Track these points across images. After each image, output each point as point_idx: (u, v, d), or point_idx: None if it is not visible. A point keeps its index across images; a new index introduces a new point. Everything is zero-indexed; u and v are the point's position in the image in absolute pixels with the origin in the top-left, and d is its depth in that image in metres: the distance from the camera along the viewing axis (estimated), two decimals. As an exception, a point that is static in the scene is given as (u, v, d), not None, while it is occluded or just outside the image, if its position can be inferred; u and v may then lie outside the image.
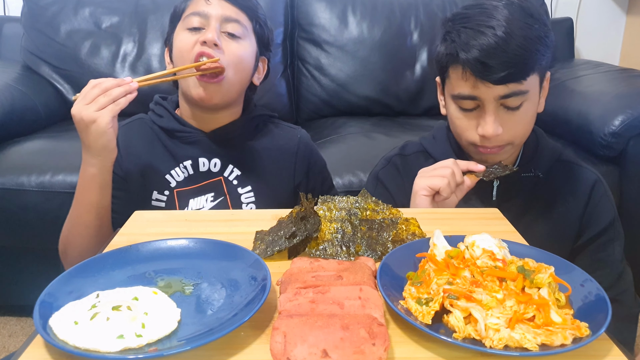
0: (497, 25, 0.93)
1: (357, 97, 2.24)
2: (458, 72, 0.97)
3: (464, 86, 0.97)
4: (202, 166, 1.15)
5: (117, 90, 0.97)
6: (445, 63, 0.99)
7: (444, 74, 1.02)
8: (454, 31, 0.97)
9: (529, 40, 0.93)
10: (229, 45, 1.09)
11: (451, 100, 1.01)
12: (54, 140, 1.85)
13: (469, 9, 1.00)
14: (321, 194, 1.20)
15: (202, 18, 1.08)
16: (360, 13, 2.24)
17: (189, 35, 1.08)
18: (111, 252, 0.73)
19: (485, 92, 0.95)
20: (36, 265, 1.75)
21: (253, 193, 1.16)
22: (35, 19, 2.17)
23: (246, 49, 1.12)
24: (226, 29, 1.09)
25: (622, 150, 1.71)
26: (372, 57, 2.22)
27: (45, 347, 0.57)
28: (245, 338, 0.59)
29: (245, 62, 1.12)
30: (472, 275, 0.64)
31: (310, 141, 1.27)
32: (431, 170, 0.98)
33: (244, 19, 1.11)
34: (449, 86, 1.01)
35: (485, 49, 0.92)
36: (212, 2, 1.09)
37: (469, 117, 1.00)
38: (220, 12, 1.08)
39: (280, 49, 2.23)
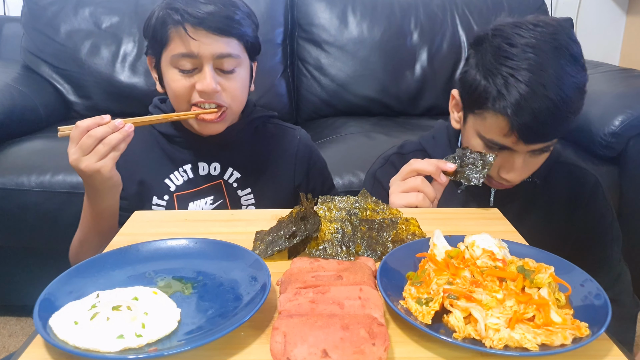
0: (550, 84, 0.88)
1: (357, 97, 2.24)
2: (500, 123, 0.92)
3: (500, 137, 0.94)
4: (201, 170, 1.15)
5: (116, 138, 0.93)
6: (483, 103, 0.94)
7: (476, 108, 0.96)
8: (499, 75, 0.91)
9: (579, 101, 0.91)
10: (226, 84, 1.05)
11: (477, 136, 0.98)
12: (54, 140, 1.85)
13: (512, 46, 0.91)
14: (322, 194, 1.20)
15: (192, 59, 1.02)
16: (360, 13, 2.23)
17: (182, 79, 1.04)
18: (111, 252, 0.73)
19: (521, 148, 0.94)
20: (36, 265, 1.75)
21: (253, 195, 1.16)
22: (35, 19, 2.17)
23: (242, 78, 1.09)
24: (220, 66, 1.04)
25: (622, 150, 1.71)
26: (372, 57, 2.21)
27: (45, 347, 0.57)
28: (245, 338, 0.59)
29: (244, 91, 1.10)
30: (472, 275, 0.64)
31: (310, 142, 1.26)
32: (402, 185, 0.96)
33: (235, 47, 1.05)
34: (481, 125, 0.96)
35: (537, 115, 0.88)
36: (201, 39, 1.01)
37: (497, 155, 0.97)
38: (212, 50, 1.02)
39: (280, 49, 2.23)
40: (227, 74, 1.06)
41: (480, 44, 0.97)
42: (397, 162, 1.16)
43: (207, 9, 1.01)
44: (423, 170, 0.95)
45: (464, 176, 0.95)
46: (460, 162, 0.97)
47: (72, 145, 0.94)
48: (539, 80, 0.88)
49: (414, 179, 0.95)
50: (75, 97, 2.20)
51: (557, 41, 0.90)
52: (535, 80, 0.88)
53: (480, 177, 0.94)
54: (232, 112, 1.09)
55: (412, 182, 0.95)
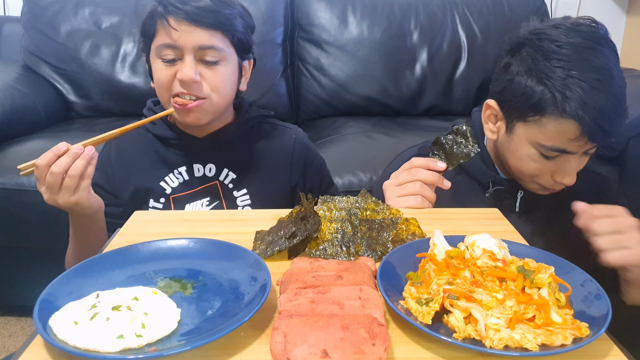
0: (606, 79, 0.89)
1: (357, 97, 2.24)
2: (565, 127, 0.90)
3: (565, 142, 0.92)
4: (197, 172, 1.15)
5: (80, 166, 0.91)
6: (542, 109, 0.92)
7: (531, 116, 0.94)
8: (556, 78, 0.90)
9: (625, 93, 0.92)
10: (207, 74, 1.05)
11: (529, 144, 0.96)
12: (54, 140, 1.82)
13: (561, 47, 0.92)
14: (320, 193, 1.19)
15: (174, 50, 1.03)
16: (360, 13, 2.23)
17: (165, 69, 1.05)
18: (111, 252, 0.73)
19: (580, 148, 0.93)
20: (36, 265, 1.75)
21: (249, 196, 1.16)
22: (35, 19, 2.17)
23: (226, 72, 1.08)
24: (202, 57, 1.04)
25: (622, 150, 1.70)
26: (372, 57, 2.21)
27: (45, 347, 0.57)
28: (245, 338, 0.59)
29: (227, 84, 1.09)
30: (472, 275, 0.64)
31: (306, 140, 1.26)
32: (399, 190, 0.95)
33: (219, 40, 1.05)
34: (538, 133, 0.94)
35: (603, 111, 0.88)
36: (183, 29, 1.02)
37: (548, 164, 0.96)
38: (193, 41, 1.02)
39: (280, 49, 2.23)
40: (210, 65, 1.05)
41: (520, 50, 0.96)
42: None
43: (196, 4, 1.02)
44: (426, 180, 0.94)
45: (460, 156, 0.95)
46: (443, 151, 0.97)
47: (39, 185, 0.94)
48: (596, 77, 0.89)
49: (413, 184, 0.95)
50: (75, 97, 2.20)
51: (600, 38, 0.93)
52: (593, 77, 0.89)
53: (472, 145, 0.94)
54: (212, 104, 1.07)
55: (410, 188, 0.95)
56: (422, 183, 0.94)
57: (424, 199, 0.94)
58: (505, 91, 0.98)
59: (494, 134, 1.04)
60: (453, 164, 0.96)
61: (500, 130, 1.02)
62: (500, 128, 1.02)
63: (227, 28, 1.06)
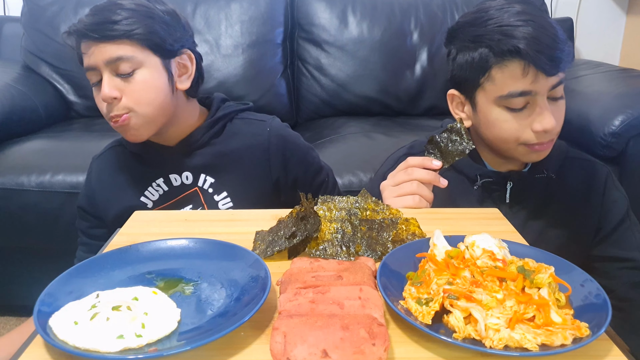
0: (537, 16, 0.93)
1: (357, 97, 2.24)
2: (513, 70, 0.92)
3: (519, 83, 0.93)
4: (174, 181, 1.13)
5: None
6: (486, 64, 0.94)
7: (479, 80, 0.97)
8: (489, 32, 0.93)
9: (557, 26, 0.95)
10: (125, 87, 1.02)
11: (494, 105, 0.97)
12: (54, 140, 1.85)
13: (486, 11, 0.97)
14: (306, 181, 1.19)
15: (94, 72, 1.03)
16: (360, 13, 2.23)
17: (96, 92, 1.05)
18: (111, 252, 0.73)
19: (542, 85, 0.93)
20: (36, 265, 1.75)
21: (230, 198, 1.13)
22: (35, 19, 2.17)
23: (144, 79, 1.03)
24: (116, 70, 1.01)
25: (622, 150, 1.70)
26: (372, 57, 2.21)
27: (45, 347, 0.57)
28: (245, 338, 0.59)
29: (149, 92, 1.04)
30: (472, 275, 0.64)
31: (284, 131, 1.19)
32: (396, 190, 0.96)
33: (128, 49, 1.01)
34: (494, 88, 0.95)
35: (543, 39, 0.90)
36: (91, 50, 1.01)
37: (519, 117, 0.96)
38: (101, 58, 1.00)
39: (280, 49, 2.23)
40: (125, 78, 1.02)
41: (454, 35, 1.02)
42: None
43: (88, 20, 1.01)
44: (423, 179, 0.95)
45: (455, 154, 0.95)
46: (438, 150, 0.97)
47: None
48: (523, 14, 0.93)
49: (409, 183, 0.95)
50: (75, 97, 2.21)
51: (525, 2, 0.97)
52: (520, 17, 0.92)
53: (466, 143, 0.94)
54: (140, 116, 1.03)
55: (407, 187, 0.95)
56: (419, 182, 0.95)
57: (422, 198, 0.95)
58: (455, 74, 1.01)
59: (467, 120, 1.05)
60: (448, 162, 0.96)
61: (470, 112, 1.04)
62: (468, 111, 1.04)
63: (132, 33, 1.01)
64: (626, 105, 1.70)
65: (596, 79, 2.01)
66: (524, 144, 0.97)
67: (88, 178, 1.20)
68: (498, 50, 0.93)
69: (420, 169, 0.95)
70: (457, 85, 1.03)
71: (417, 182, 0.95)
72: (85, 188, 1.20)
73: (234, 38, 2.18)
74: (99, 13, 1.02)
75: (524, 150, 0.99)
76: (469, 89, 1.00)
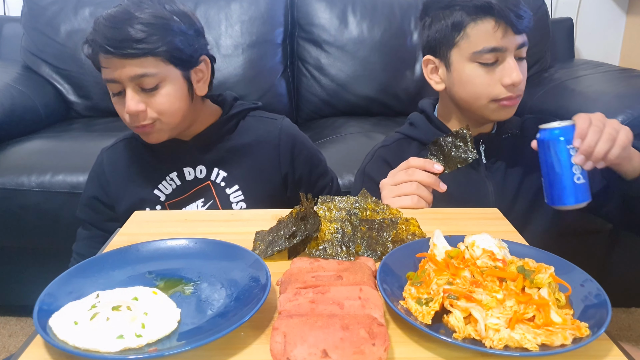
0: None
1: (357, 97, 2.24)
2: (486, 26, 1.01)
3: (491, 39, 1.02)
4: (188, 175, 1.16)
5: None
6: (461, 26, 1.03)
7: (455, 39, 1.05)
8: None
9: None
10: (150, 101, 1.05)
11: (468, 62, 1.05)
12: (54, 140, 1.85)
13: None
14: (310, 183, 1.22)
15: (116, 84, 1.04)
16: (360, 13, 2.23)
17: (117, 103, 1.08)
18: (111, 252, 0.73)
19: (510, 42, 1.02)
20: (36, 265, 1.75)
21: (241, 192, 1.16)
22: (35, 19, 2.17)
23: (168, 93, 1.06)
24: (140, 85, 1.04)
25: (622, 150, 1.70)
26: (372, 57, 2.21)
27: (45, 347, 0.57)
28: (245, 338, 0.59)
29: (173, 104, 1.07)
30: (472, 275, 0.64)
31: (293, 130, 1.23)
32: (395, 190, 0.97)
33: (151, 65, 1.03)
34: (467, 46, 1.04)
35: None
36: (114, 64, 1.02)
37: (491, 71, 1.03)
38: (126, 74, 1.02)
39: (280, 49, 2.23)
40: (150, 92, 1.04)
41: (428, 6, 1.11)
42: (385, 153, 1.19)
43: (118, 36, 1.00)
44: (423, 182, 0.96)
45: (457, 161, 0.96)
46: (441, 153, 0.98)
47: None
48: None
49: (409, 184, 0.96)
50: (75, 97, 2.20)
51: None
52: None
53: (470, 151, 0.95)
54: (165, 123, 1.08)
55: (407, 188, 0.96)
56: (419, 183, 0.96)
57: (420, 199, 0.96)
58: (430, 38, 1.10)
59: (440, 83, 1.12)
60: (450, 168, 0.97)
61: (444, 75, 1.10)
62: (442, 74, 1.11)
63: (156, 51, 1.02)
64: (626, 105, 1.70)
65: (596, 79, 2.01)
66: (494, 100, 1.05)
67: (99, 169, 1.20)
68: (472, 8, 1.02)
69: (421, 171, 0.97)
70: (431, 50, 1.11)
71: (417, 183, 0.96)
72: (98, 179, 1.20)
73: (234, 38, 2.17)
74: (118, 27, 1.01)
75: (493, 107, 1.06)
76: (444, 50, 1.08)
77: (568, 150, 0.91)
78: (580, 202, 0.92)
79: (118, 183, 1.17)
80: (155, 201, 1.15)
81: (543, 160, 0.95)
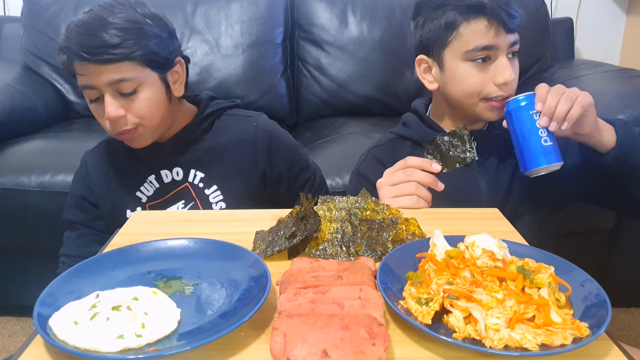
0: None
1: (357, 97, 2.24)
2: (478, 25, 1.02)
3: (484, 37, 1.02)
4: (165, 178, 1.16)
5: None
6: (453, 25, 1.04)
7: (448, 38, 1.05)
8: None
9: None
10: (129, 106, 1.05)
11: (461, 61, 1.05)
12: (54, 140, 1.85)
13: None
14: (291, 178, 1.23)
15: (93, 90, 1.04)
16: (360, 13, 2.23)
17: (95, 107, 1.07)
18: (111, 252, 0.73)
19: (502, 40, 1.02)
20: (36, 265, 1.75)
21: (220, 192, 1.16)
22: (35, 19, 2.17)
23: (147, 96, 1.06)
24: (118, 90, 1.03)
25: (622, 150, 1.70)
26: (372, 57, 2.21)
27: (45, 347, 0.57)
28: (245, 338, 0.59)
29: (152, 107, 1.07)
30: (472, 275, 0.64)
31: (270, 127, 1.22)
32: (394, 190, 0.97)
33: (129, 69, 1.02)
34: (460, 45, 1.04)
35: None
36: (90, 70, 1.01)
37: (483, 70, 1.04)
38: (103, 80, 1.01)
39: (280, 49, 2.23)
40: (129, 96, 1.04)
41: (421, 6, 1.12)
42: (378, 153, 1.20)
43: (82, 40, 0.99)
44: (421, 181, 0.96)
45: (455, 161, 0.96)
46: (439, 154, 0.98)
47: None
48: None
49: (408, 184, 0.96)
50: (75, 97, 2.20)
51: None
52: None
53: (469, 151, 0.96)
54: (146, 127, 1.08)
55: (405, 188, 0.96)
56: (417, 183, 0.96)
57: (420, 199, 0.96)
58: (423, 37, 1.11)
59: (433, 82, 1.12)
60: (448, 167, 0.97)
61: (437, 74, 1.11)
62: (435, 73, 1.11)
63: (132, 55, 1.02)
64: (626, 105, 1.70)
65: (596, 79, 2.01)
66: (485, 99, 1.05)
67: (84, 171, 1.21)
68: (464, 7, 1.03)
69: (420, 171, 0.97)
70: (424, 50, 1.12)
71: (416, 183, 0.96)
72: (83, 180, 1.21)
73: (234, 38, 2.18)
74: (92, 33, 1.00)
75: (485, 106, 1.06)
76: (437, 50, 1.09)
77: (532, 116, 0.95)
78: (551, 162, 0.94)
79: (101, 185, 1.18)
80: (137, 203, 1.16)
81: (512, 130, 0.99)
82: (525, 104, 0.96)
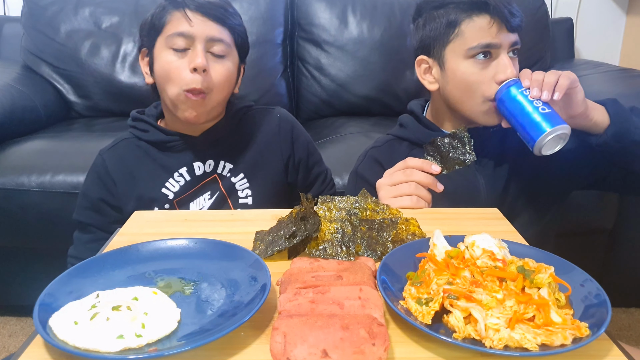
0: None
1: (357, 97, 2.24)
2: (481, 22, 1.02)
3: (486, 35, 1.02)
4: (197, 170, 1.17)
5: None
6: (455, 23, 1.04)
7: (449, 36, 1.05)
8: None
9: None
10: (214, 67, 1.09)
11: (462, 59, 1.05)
12: (54, 140, 1.85)
13: None
14: (307, 167, 1.28)
15: (186, 39, 1.07)
16: (360, 13, 2.23)
17: (175, 58, 1.08)
18: (111, 252, 0.73)
19: (504, 39, 1.03)
20: (36, 265, 1.75)
21: (247, 179, 1.19)
22: (35, 19, 2.17)
23: (229, 68, 1.12)
24: (211, 49, 1.09)
25: (622, 150, 1.70)
26: (372, 57, 2.21)
27: (45, 347, 0.57)
28: (245, 338, 0.59)
29: (229, 81, 1.13)
30: (472, 275, 0.64)
31: (291, 117, 1.30)
32: (393, 190, 0.98)
33: (227, 37, 1.11)
34: (462, 43, 1.04)
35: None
36: (196, 22, 1.07)
37: (485, 69, 1.03)
38: (204, 32, 1.07)
39: (280, 49, 2.23)
40: (217, 58, 1.10)
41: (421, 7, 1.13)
42: (376, 154, 1.21)
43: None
44: (421, 182, 0.96)
45: (454, 162, 0.96)
46: (439, 154, 0.98)
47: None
48: None
49: (408, 185, 0.96)
50: (75, 97, 2.20)
51: None
52: None
53: (469, 153, 0.96)
54: (212, 100, 1.11)
55: (405, 189, 0.96)
56: (417, 184, 0.96)
57: (419, 199, 0.96)
58: (424, 37, 1.11)
59: (434, 83, 1.12)
60: (448, 169, 0.97)
61: (437, 74, 1.10)
62: (436, 73, 1.11)
63: (233, 26, 1.12)
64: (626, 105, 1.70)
65: (596, 79, 2.01)
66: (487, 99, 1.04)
67: (102, 171, 1.18)
68: (467, 5, 1.03)
69: (419, 172, 0.97)
70: (425, 50, 1.12)
71: (415, 183, 0.96)
72: (101, 180, 1.18)
73: (234, 38, 2.18)
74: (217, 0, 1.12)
75: (487, 106, 1.05)
76: (438, 49, 1.08)
77: (522, 92, 0.97)
78: (556, 124, 0.93)
79: (125, 182, 1.17)
80: (163, 200, 1.15)
81: (509, 115, 0.99)
82: (514, 84, 0.98)
